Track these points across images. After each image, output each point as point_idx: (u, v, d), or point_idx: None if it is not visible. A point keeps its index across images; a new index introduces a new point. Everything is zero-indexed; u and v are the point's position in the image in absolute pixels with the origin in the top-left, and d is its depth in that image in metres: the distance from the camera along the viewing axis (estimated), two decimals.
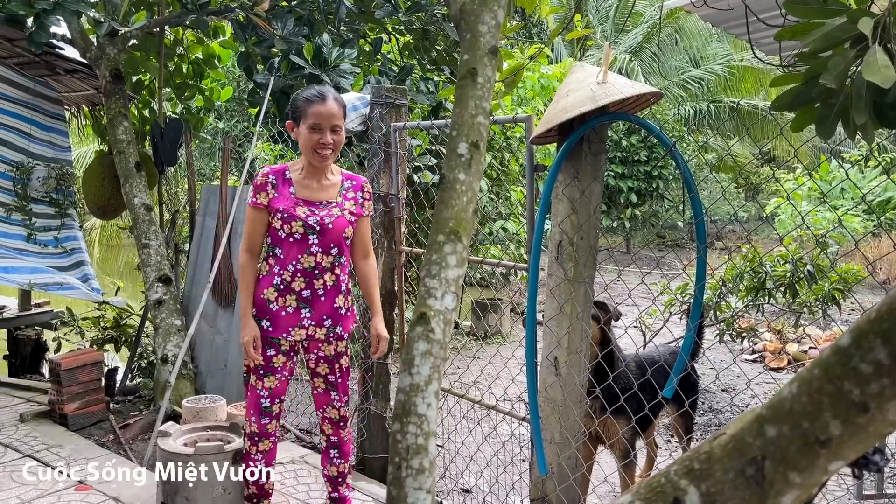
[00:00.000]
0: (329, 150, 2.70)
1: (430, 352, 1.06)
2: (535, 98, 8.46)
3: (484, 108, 1.22)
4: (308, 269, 2.74)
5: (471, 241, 4.04)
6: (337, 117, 2.69)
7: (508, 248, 7.72)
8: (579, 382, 2.78)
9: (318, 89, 2.74)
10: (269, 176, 2.78)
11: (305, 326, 2.78)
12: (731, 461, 0.74)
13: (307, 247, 2.72)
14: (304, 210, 2.73)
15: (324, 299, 2.78)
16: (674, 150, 2.46)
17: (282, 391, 2.89)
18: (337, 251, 2.77)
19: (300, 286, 2.75)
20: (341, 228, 2.75)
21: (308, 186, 2.78)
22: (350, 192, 2.82)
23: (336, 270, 2.79)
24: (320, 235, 2.72)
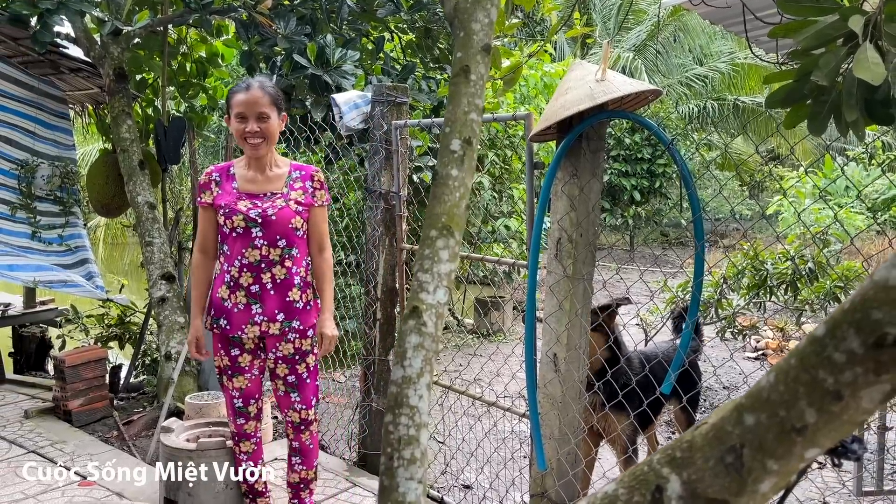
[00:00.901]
0: (258, 139, 2.64)
1: (422, 345, 1.08)
2: (538, 96, 8.47)
3: (477, 105, 1.24)
4: (254, 264, 2.67)
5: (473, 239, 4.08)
6: (261, 104, 2.62)
7: (510, 246, 7.74)
8: (578, 379, 2.80)
9: (247, 80, 2.71)
10: (213, 174, 2.76)
11: (258, 322, 2.70)
12: (712, 449, 0.76)
13: (250, 240, 2.66)
14: (246, 203, 2.67)
15: (273, 293, 2.70)
16: (671, 147, 2.47)
17: (255, 391, 2.83)
18: (285, 243, 2.68)
19: (248, 281, 2.68)
20: (286, 219, 2.67)
21: (252, 180, 2.73)
22: (298, 182, 2.75)
23: (287, 263, 2.70)
24: (264, 228, 2.65)
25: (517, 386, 4.41)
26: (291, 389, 2.82)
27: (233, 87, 2.73)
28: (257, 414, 2.89)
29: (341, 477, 3.64)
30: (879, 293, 0.63)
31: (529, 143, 3.02)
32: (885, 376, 0.64)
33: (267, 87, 2.67)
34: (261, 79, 2.70)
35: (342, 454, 4.03)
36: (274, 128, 2.66)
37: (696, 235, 2.50)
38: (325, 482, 3.57)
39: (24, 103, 5.37)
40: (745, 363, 6.46)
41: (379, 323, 3.80)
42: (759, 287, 4.90)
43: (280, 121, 2.71)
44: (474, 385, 4.19)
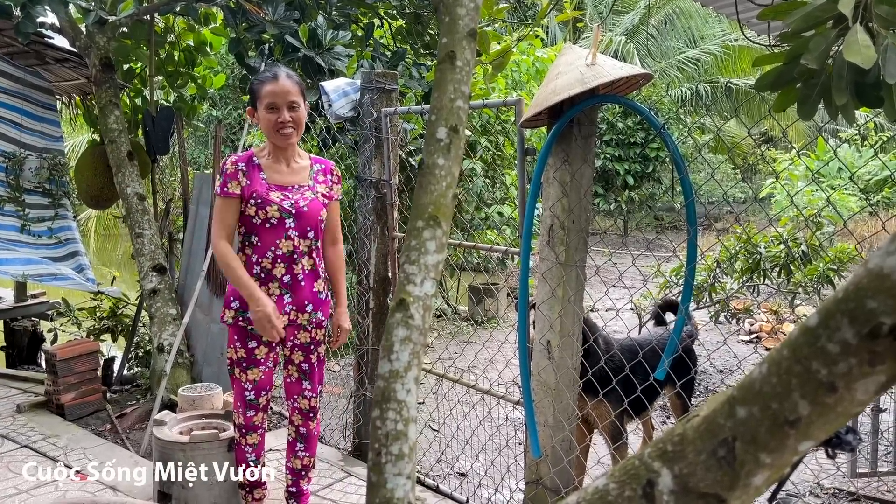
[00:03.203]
0: (290, 129, 2.64)
1: (410, 338, 1.06)
2: (530, 82, 8.42)
3: (463, 91, 1.21)
4: (287, 255, 2.69)
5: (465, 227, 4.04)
6: (292, 94, 2.62)
7: (504, 233, 7.72)
8: (572, 366, 2.79)
9: (271, 69, 2.67)
10: (239, 164, 2.70)
11: (287, 312, 2.73)
12: (703, 443, 0.74)
13: (284, 231, 2.67)
14: (278, 195, 2.67)
15: (304, 284, 2.74)
16: (663, 132, 2.45)
17: (267, 383, 2.84)
18: (313, 235, 2.74)
19: (281, 272, 2.70)
20: (317, 211, 2.72)
21: (278, 171, 2.72)
22: (321, 176, 2.80)
23: (313, 255, 2.76)
24: (297, 219, 2.68)
25: (511, 373, 4.41)
26: (304, 377, 2.88)
27: (257, 77, 2.69)
28: (265, 407, 2.88)
29: (336, 467, 3.64)
30: (874, 282, 0.61)
31: (520, 129, 3.00)
32: (879, 367, 0.62)
33: (293, 76, 2.67)
34: (284, 68, 2.68)
35: (337, 444, 4.02)
36: (303, 117, 2.68)
37: (688, 220, 2.48)
38: (321, 472, 3.56)
39: (11, 95, 5.31)
40: (739, 346, 6.48)
41: (372, 312, 3.78)
42: (753, 270, 4.90)
43: (305, 110, 2.72)
44: (468, 373, 4.18)
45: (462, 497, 3.38)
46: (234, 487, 3.14)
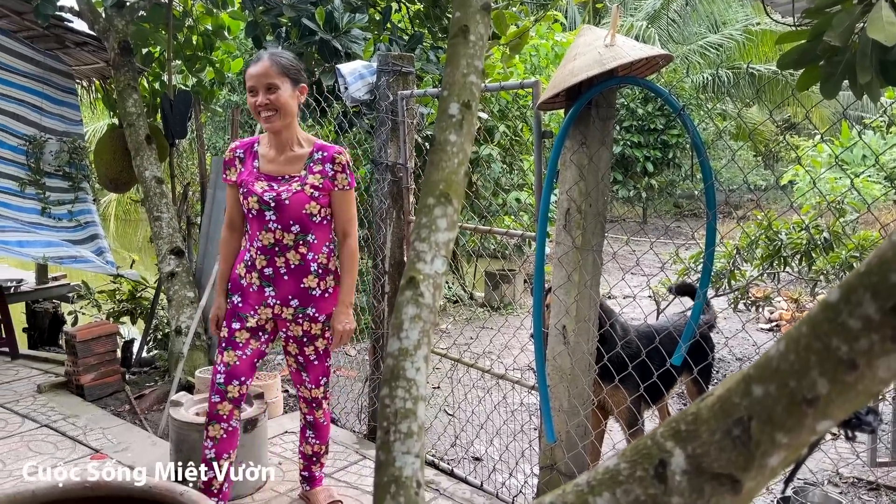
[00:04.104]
0: (270, 112, 2.54)
1: (420, 316, 1.05)
2: (549, 66, 8.34)
3: (476, 66, 1.19)
4: (268, 247, 2.62)
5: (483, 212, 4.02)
6: (269, 75, 2.52)
7: (522, 219, 7.68)
8: (587, 351, 2.76)
9: (260, 52, 2.63)
10: (237, 150, 2.71)
11: (271, 305, 2.68)
12: (718, 422, 0.72)
13: (264, 223, 2.60)
14: (263, 185, 2.61)
15: (287, 278, 2.65)
16: (683, 114, 2.41)
17: (242, 372, 2.71)
18: (299, 229, 2.61)
19: (262, 264, 2.65)
20: (300, 205, 2.59)
21: (273, 160, 2.66)
22: (318, 165, 2.64)
23: (301, 249, 2.63)
24: (277, 211, 2.59)
25: (527, 358, 4.39)
26: (301, 368, 2.83)
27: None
28: (237, 399, 2.73)
29: (351, 450, 3.65)
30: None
31: (537, 111, 2.96)
32: None
33: (279, 57, 2.57)
34: (275, 51, 2.61)
35: (352, 427, 4.03)
36: (285, 99, 2.55)
37: (707, 204, 2.44)
38: (336, 454, 3.58)
39: (31, 78, 5.34)
40: (759, 335, 6.41)
41: (387, 296, 3.78)
42: (773, 257, 4.83)
43: (297, 92, 2.61)
44: (484, 358, 4.17)
45: (476, 481, 3.38)
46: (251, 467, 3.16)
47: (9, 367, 4.93)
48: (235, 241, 2.81)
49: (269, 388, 3.99)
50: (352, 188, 2.69)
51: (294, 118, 2.62)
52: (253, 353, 2.73)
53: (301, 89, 2.63)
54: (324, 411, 2.93)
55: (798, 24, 2.44)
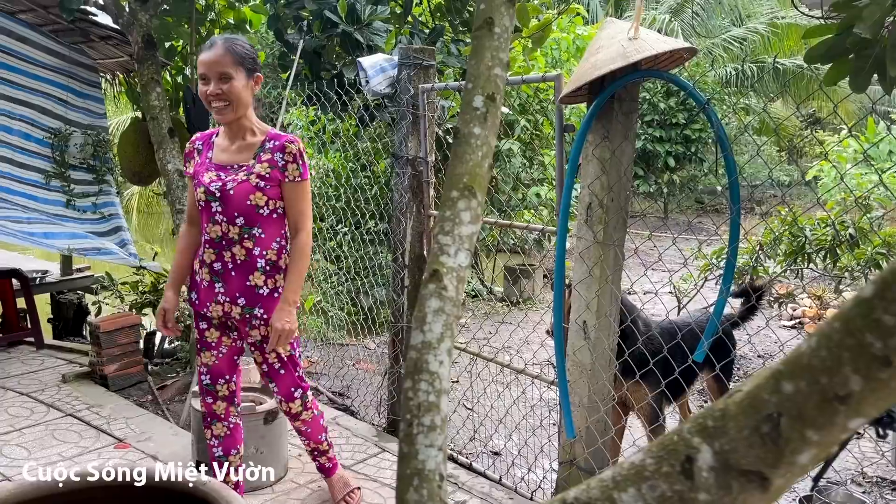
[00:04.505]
0: (221, 103, 2.39)
1: (443, 309, 1.04)
2: (570, 60, 8.29)
3: (501, 59, 1.18)
4: (215, 240, 2.50)
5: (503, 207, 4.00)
6: (222, 64, 2.37)
7: (541, 214, 7.65)
8: (608, 346, 2.75)
9: (213, 38, 2.48)
10: (196, 142, 2.62)
11: (221, 302, 2.54)
12: (746, 418, 0.71)
13: (211, 215, 2.48)
14: (211, 175, 2.49)
15: (234, 274, 2.51)
16: (707, 108, 2.38)
17: (223, 370, 2.65)
18: (244, 221, 2.46)
19: (210, 258, 2.52)
20: (244, 195, 2.44)
21: (225, 149, 2.53)
22: (267, 154, 2.47)
23: (247, 244, 2.48)
24: (222, 203, 2.45)
25: (546, 354, 4.38)
26: (269, 377, 2.68)
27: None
28: (229, 396, 2.68)
29: (370, 442, 3.66)
30: None
31: (559, 105, 2.95)
32: None
33: (233, 45, 2.41)
34: (230, 37, 2.46)
35: (371, 420, 4.05)
36: (238, 90, 2.40)
37: (731, 199, 2.41)
38: (355, 447, 3.59)
39: (56, 72, 5.41)
40: (781, 332, 6.34)
41: (407, 290, 3.78)
42: (797, 254, 4.77)
43: (252, 83, 2.46)
44: (503, 352, 4.17)
45: (495, 475, 3.38)
46: (271, 459, 3.19)
47: (34, 356, 5.01)
48: (193, 235, 2.67)
49: None
50: (304, 180, 2.52)
51: (248, 108, 2.49)
52: (229, 350, 2.64)
53: (256, 79, 2.48)
54: (303, 420, 2.77)
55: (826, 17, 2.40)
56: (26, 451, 3.46)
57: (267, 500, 3.06)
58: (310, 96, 4.85)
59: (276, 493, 3.13)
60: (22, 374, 4.60)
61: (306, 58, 4.65)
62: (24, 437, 3.61)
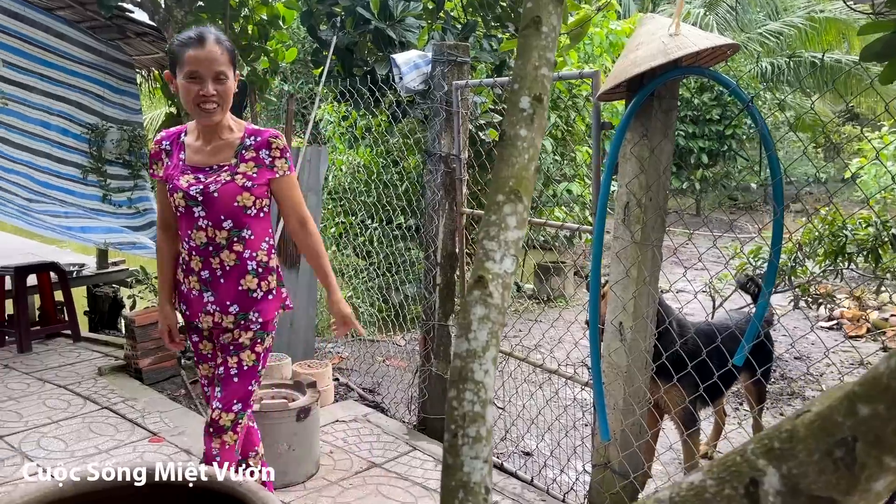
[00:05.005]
0: (214, 104, 2.21)
1: (488, 317, 1.02)
2: (603, 55, 8.18)
3: (548, 59, 1.15)
4: (201, 247, 2.30)
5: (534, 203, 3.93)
6: (219, 62, 2.19)
7: (573, 211, 7.58)
8: (645, 348, 2.70)
9: (198, 30, 2.23)
10: (163, 143, 2.40)
11: (211, 312, 2.34)
12: (818, 441, 0.67)
13: (194, 221, 2.28)
14: (189, 178, 2.29)
15: (224, 281, 2.32)
16: (751, 106, 2.32)
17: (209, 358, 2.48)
18: (232, 224, 2.28)
19: (198, 266, 2.33)
20: (231, 197, 2.25)
21: (199, 150, 2.33)
22: (251, 152, 2.29)
23: (237, 247, 2.30)
24: (206, 207, 2.26)
25: (580, 354, 4.33)
26: (218, 382, 2.39)
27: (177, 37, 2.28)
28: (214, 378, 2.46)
29: (401, 440, 3.66)
30: None
31: (596, 102, 2.90)
32: None
33: (224, 40, 2.24)
34: (215, 31, 2.25)
35: (402, 418, 4.04)
36: (231, 90, 2.25)
37: (774, 198, 2.35)
38: (386, 445, 3.59)
39: (94, 68, 5.48)
40: (820, 333, 6.21)
41: (438, 288, 3.76)
42: (837, 254, 4.66)
43: (234, 81, 2.29)
44: (535, 351, 4.13)
45: (527, 476, 3.35)
46: (303, 455, 3.20)
47: (71, 349, 5.09)
48: (171, 243, 2.47)
49: (321, 377, 4.02)
50: (292, 172, 2.37)
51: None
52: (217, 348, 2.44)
53: (236, 76, 2.30)
54: (223, 441, 2.33)
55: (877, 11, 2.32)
56: (63, 443, 3.51)
57: (299, 497, 3.06)
58: (342, 92, 4.84)
59: (307, 489, 3.13)
60: (59, 367, 4.68)
61: (339, 54, 4.65)
62: (61, 430, 3.67)
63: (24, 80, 5.17)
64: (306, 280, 4.61)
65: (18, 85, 5.14)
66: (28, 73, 5.18)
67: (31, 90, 5.21)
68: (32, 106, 5.23)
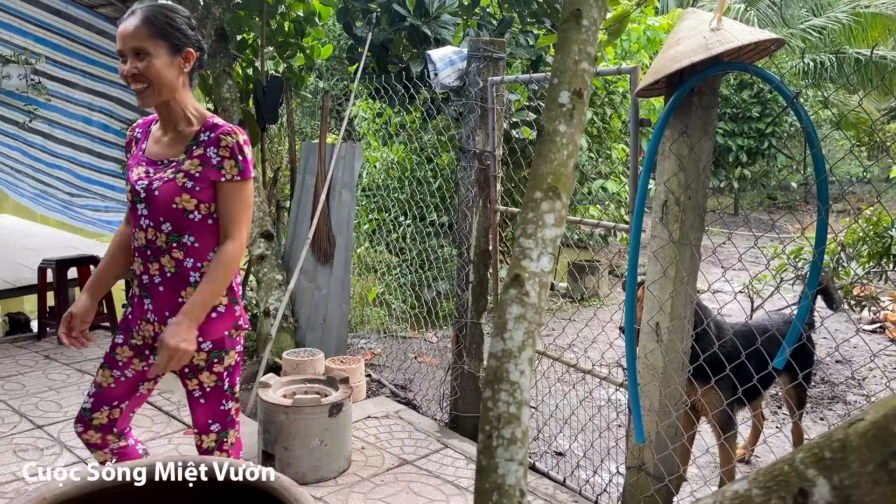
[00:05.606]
0: (140, 85, 1.99)
1: (524, 316, 1.00)
2: (641, 51, 8.08)
3: (588, 53, 1.12)
4: (142, 248, 2.10)
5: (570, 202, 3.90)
6: (137, 37, 1.96)
7: (608, 209, 7.50)
8: (682, 350, 2.65)
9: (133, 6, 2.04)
10: (136, 130, 2.24)
11: (151, 321, 2.12)
12: (872, 452, 0.64)
13: (137, 219, 2.09)
14: (140, 171, 2.10)
15: (162, 289, 2.09)
16: (795, 103, 2.26)
17: (115, 396, 2.16)
18: (171, 228, 2.04)
19: (139, 269, 2.13)
20: (169, 196, 2.02)
21: (158, 140, 2.14)
22: (199, 149, 2.04)
23: (176, 254, 2.06)
24: (148, 205, 2.05)
25: (614, 354, 4.28)
26: (189, 404, 2.22)
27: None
28: (107, 425, 2.18)
29: (433, 438, 3.65)
30: None
31: (634, 98, 2.85)
32: None
33: (156, 13, 2.00)
34: (155, 4, 2.03)
35: (433, 415, 4.04)
36: (158, 69, 1.98)
37: (819, 198, 2.28)
38: (417, 442, 3.58)
39: None
40: (862, 336, 6.05)
41: (471, 285, 3.74)
42: (882, 255, 4.53)
43: (180, 59, 2.04)
44: (569, 351, 4.09)
45: (559, 477, 3.32)
46: (335, 451, 3.21)
47: (110, 341, 5.18)
48: (123, 237, 2.27)
49: (354, 373, 4.03)
50: (245, 179, 2.06)
51: (178, 91, 2.06)
52: (136, 375, 2.18)
53: (186, 55, 2.05)
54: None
55: None
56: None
57: (330, 493, 3.07)
58: (377, 89, 4.85)
59: (339, 485, 3.14)
60: (98, 358, 4.76)
61: (374, 51, 4.66)
62: None
63: (67, 77, 5.27)
64: (339, 275, 4.63)
65: (61, 81, 5.25)
66: (70, 69, 5.28)
67: (74, 86, 5.32)
68: (75, 102, 5.33)
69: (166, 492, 1.63)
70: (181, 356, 1.97)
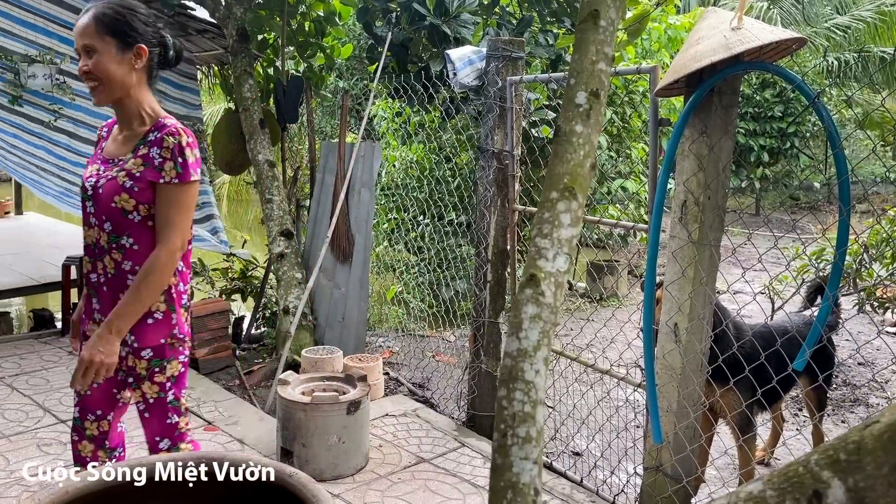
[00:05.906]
0: (92, 82, 1.98)
1: (540, 316, 1.00)
2: (661, 50, 8.02)
3: (606, 53, 1.12)
4: (90, 246, 2.07)
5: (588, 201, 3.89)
6: (86, 34, 1.94)
7: (627, 209, 7.46)
8: (700, 350, 2.64)
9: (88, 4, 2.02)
10: (104, 129, 2.22)
11: (97, 321, 2.07)
12: (887, 454, 0.64)
13: (87, 217, 2.07)
14: (92, 169, 2.09)
15: (106, 290, 2.05)
16: (817, 102, 2.24)
17: (97, 404, 2.12)
18: (111, 228, 2.00)
19: (87, 267, 2.11)
20: (108, 195, 1.98)
21: (114, 138, 2.12)
22: (145, 148, 1.99)
23: (115, 255, 2.01)
24: (94, 203, 2.02)
25: (632, 354, 4.27)
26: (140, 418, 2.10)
27: None
28: (99, 437, 2.14)
29: (450, 436, 3.66)
30: None
31: (654, 97, 2.84)
32: None
33: (102, 11, 1.96)
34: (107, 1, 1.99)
35: (451, 413, 4.04)
36: (106, 65, 1.96)
37: (840, 199, 2.26)
38: (435, 440, 3.60)
39: None
40: (884, 338, 5.97)
41: (489, 285, 3.75)
42: None
43: (131, 56, 1.99)
44: (586, 351, 4.08)
45: (576, 476, 3.32)
46: (353, 448, 3.23)
47: None
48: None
49: (372, 371, 4.05)
50: (184, 182, 1.98)
51: (132, 88, 2.02)
52: (109, 381, 2.07)
53: (138, 51, 1.99)
54: None
55: None
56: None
57: (348, 490, 3.09)
58: (396, 89, 4.87)
59: (356, 482, 3.16)
60: None
61: (393, 51, 4.67)
62: None
63: None
64: (358, 274, 4.66)
65: None
66: None
67: None
68: None
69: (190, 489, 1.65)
70: (98, 369, 1.90)
